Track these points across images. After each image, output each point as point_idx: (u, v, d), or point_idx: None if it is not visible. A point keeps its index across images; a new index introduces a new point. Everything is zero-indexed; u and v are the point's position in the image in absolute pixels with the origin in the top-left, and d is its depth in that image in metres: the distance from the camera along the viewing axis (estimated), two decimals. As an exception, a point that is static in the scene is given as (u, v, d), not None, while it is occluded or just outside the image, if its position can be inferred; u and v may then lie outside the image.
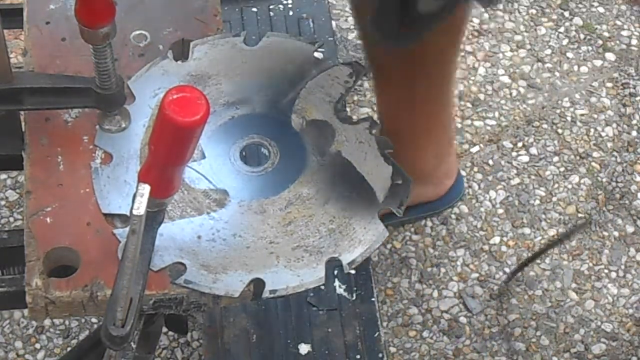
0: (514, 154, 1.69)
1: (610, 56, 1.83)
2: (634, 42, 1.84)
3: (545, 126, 1.71)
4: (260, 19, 1.71)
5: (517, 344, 1.51)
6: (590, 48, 1.84)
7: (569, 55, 1.83)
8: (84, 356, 1.20)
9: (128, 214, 0.94)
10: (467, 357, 1.50)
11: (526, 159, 1.68)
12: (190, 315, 1.41)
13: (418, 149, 1.50)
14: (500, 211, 1.65)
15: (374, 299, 1.47)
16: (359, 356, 1.42)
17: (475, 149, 1.68)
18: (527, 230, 1.64)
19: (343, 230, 1.00)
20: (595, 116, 1.76)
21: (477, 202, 1.66)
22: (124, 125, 1.04)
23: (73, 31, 1.03)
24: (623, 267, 1.62)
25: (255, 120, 1.06)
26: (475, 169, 1.66)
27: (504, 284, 1.56)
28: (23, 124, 1.05)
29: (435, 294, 1.55)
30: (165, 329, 1.38)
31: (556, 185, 1.67)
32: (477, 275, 1.59)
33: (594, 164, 1.71)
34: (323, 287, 1.43)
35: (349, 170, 1.03)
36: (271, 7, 1.73)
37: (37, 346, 1.47)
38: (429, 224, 1.63)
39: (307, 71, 1.09)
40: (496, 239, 1.63)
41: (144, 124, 1.05)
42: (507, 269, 1.60)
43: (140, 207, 0.78)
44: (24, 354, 1.46)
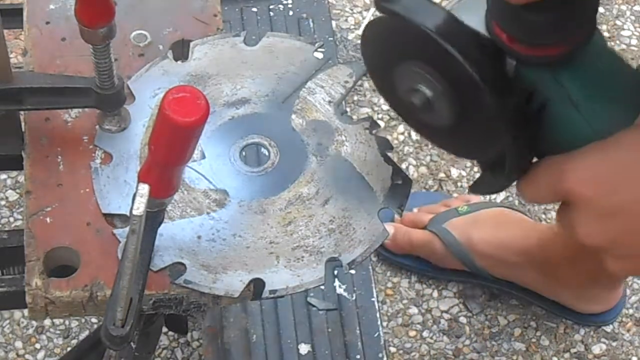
0: (514, 154, 1.68)
1: (610, 56, 1.83)
2: (634, 42, 1.84)
3: (545, 126, 1.71)
4: (260, 19, 1.71)
5: (517, 344, 1.51)
6: (590, 48, 1.83)
7: (569, 55, 1.82)
8: (84, 356, 1.20)
9: (128, 214, 0.94)
10: (467, 357, 1.50)
11: (526, 159, 1.68)
12: (190, 315, 1.41)
13: (572, 259, 1.40)
14: (500, 211, 1.65)
15: (374, 299, 1.47)
16: (359, 356, 1.42)
17: (475, 149, 1.68)
18: (527, 230, 1.64)
19: (343, 230, 1.00)
20: (595, 116, 1.76)
21: (477, 202, 1.65)
22: (124, 125, 1.04)
23: (73, 31, 1.03)
24: (623, 267, 1.61)
25: (255, 120, 1.06)
26: (475, 169, 1.66)
27: None
28: (23, 124, 1.05)
29: (435, 294, 1.54)
30: (165, 329, 1.38)
31: (556, 185, 1.66)
32: (477, 275, 1.59)
33: (594, 164, 1.71)
34: (323, 287, 1.43)
35: (349, 170, 1.03)
36: (271, 7, 1.73)
37: (37, 346, 1.47)
38: (429, 224, 1.62)
39: (307, 71, 1.09)
40: (496, 239, 1.63)
41: (144, 124, 1.05)
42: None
43: (140, 207, 0.78)
44: (24, 354, 1.46)
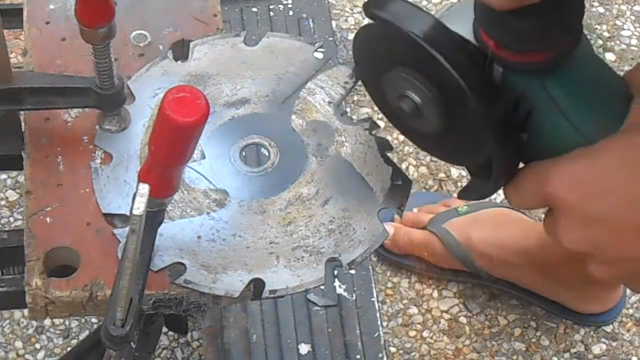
0: (514, 154, 1.68)
1: (610, 56, 1.83)
2: (634, 42, 1.84)
3: (545, 126, 1.71)
4: (260, 19, 1.71)
5: (517, 344, 1.51)
6: (590, 48, 1.84)
7: (569, 55, 1.82)
8: (84, 356, 1.20)
9: (128, 214, 0.94)
10: (467, 357, 1.50)
11: (526, 159, 1.68)
12: (190, 315, 1.41)
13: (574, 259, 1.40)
14: (500, 211, 1.65)
15: (374, 299, 1.47)
16: (359, 356, 1.42)
17: (475, 149, 1.68)
18: (527, 230, 1.64)
19: (343, 231, 1.00)
20: (595, 116, 1.76)
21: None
22: (124, 125, 1.04)
23: (73, 31, 1.03)
24: (623, 267, 1.62)
25: (255, 120, 1.06)
26: (475, 169, 1.66)
27: None
28: (23, 124, 1.05)
29: (435, 294, 1.54)
30: (165, 329, 1.38)
31: (556, 185, 1.66)
32: (477, 275, 1.59)
33: (594, 164, 1.71)
34: (323, 287, 1.43)
35: (349, 171, 1.03)
36: (271, 7, 1.73)
37: (37, 346, 1.47)
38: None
39: (307, 71, 1.09)
40: (496, 239, 1.63)
41: (144, 124, 1.05)
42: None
43: (140, 207, 0.78)
44: (24, 354, 1.46)
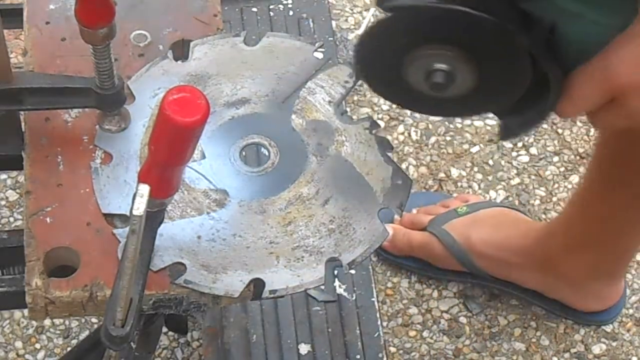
0: (514, 153, 1.68)
1: (610, 56, 1.83)
2: (634, 42, 1.84)
3: (545, 126, 1.71)
4: (260, 19, 1.71)
5: (517, 344, 1.51)
6: (590, 48, 1.84)
7: (569, 55, 1.82)
8: (84, 356, 1.20)
9: (128, 214, 0.94)
10: (467, 357, 1.50)
11: (526, 159, 1.68)
12: (190, 315, 1.41)
13: (576, 252, 1.41)
14: (500, 211, 1.65)
15: (374, 299, 1.47)
16: (359, 356, 1.41)
17: (475, 149, 1.68)
18: (527, 230, 1.64)
19: (343, 230, 1.00)
20: (595, 116, 1.76)
21: (477, 202, 1.65)
22: (124, 125, 1.04)
23: (73, 31, 1.03)
24: (623, 267, 1.62)
25: (255, 120, 1.06)
26: (476, 169, 1.66)
27: None
28: (23, 124, 1.05)
29: (435, 294, 1.54)
30: (165, 329, 1.38)
31: (556, 185, 1.66)
32: (477, 275, 1.58)
33: (594, 164, 1.71)
34: (323, 287, 1.43)
35: (349, 170, 1.03)
36: (271, 7, 1.72)
37: (37, 346, 1.47)
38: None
39: (307, 71, 1.09)
40: (496, 239, 1.63)
41: (144, 124, 1.05)
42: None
43: (140, 208, 0.78)
44: (24, 354, 1.46)
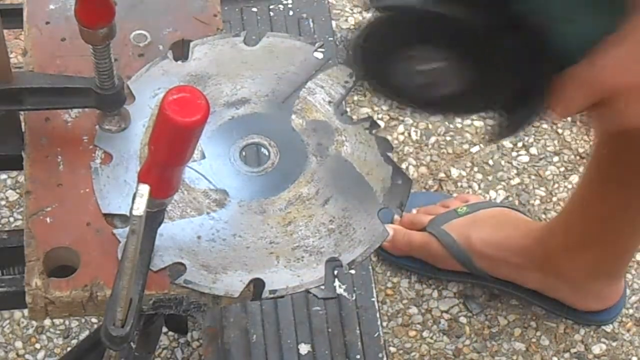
0: (514, 153, 1.68)
1: (610, 56, 1.83)
2: (634, 42, 1.84)
3: (545, 126, 1.71)
4: (260, 19, 1.71)
5: (517, 344, 1.51)
6: (590, 48, 1.83)
7: (569, 55, 1.82)
8: (84, 356, 1.20)
9: (128, 214, 0.94)
10: (467, 357, 1.50)
11: (526, 159, 1.68)
12: (190, 315, 1.41)
13: (577, 252, 1.41)
14: (500, 211, 1.65)
15: (374, 299, 1.47)
16: (359, 356, 1.41)
17: (475, 149, 1.68)
18: (527, 230, 1.64)
19: (343, 230, 1.00)
20: (595, 116, 1.76)
21: (477, 202, 1.65)
22: (124, 125, 1.04)
23: (73, 31, 1.03)
24: (623, 267, 1.62)
25: (255, 120, 1.06)
26: (476, 169, 1.66)
27: None
28: (23, 124, 1.05)
29: (435, 294, 1.54)
30: (165, 329, 1.38)
31: (556, 185, 1.67)
32: (477, 275, 1.59)
33: (594, 164, 1.71)
34: (323, 287, 1.43)
35: (349, 170, 1.03)
36: (271, 7, 1.72)
37: (37, 346, 1.47)
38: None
39: (307, 71, 1.09)
40: (496, 239, 1.63)
41: (144, 124, 1.05)
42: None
43: (140, 208, 0.78)
44: (24, 354, 1.46)
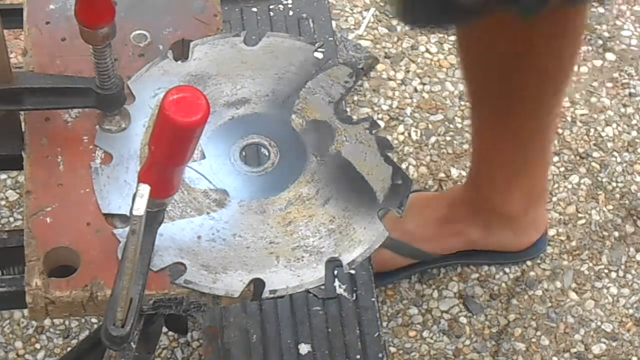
0: (514, 154, 1.68)
1: (610, 56, 1.83)
2: (634, 42, 1.84)
3: (545, 126, 1.71)
4: (260, 19, 1.71)
5: (517, 344, 1.51)
6: (590, 48, 1.84)
7: (569, 55, 1.82)
8: (84, 356, 1.20)
9: (128, 214, 0.94)
10: (467, 357, 1.50)
11: (526, 159, 1.68)
12: (190, 315, 1.41)
13: (507, 188, 1.45)
14: (500, 211, 1.65)
15: (374, 299, 1.47)
16: (359, 356, 1.41)
17: (475, 149, 1.68)
18: (527, 230, 1.64)
19: (343, 230, 0.99)
20: (595, 116, 1.76)
21: (477, 202, 1.65)
22: (124, 125, 1.04)
23: (73, 31, 1.03)
24: (623, 267, 1.62)
25: (255, 120, 1.06)
26: (475, 169, 1.66)
27: None
28: (23, 124, 1.05)
29: (435, 294, 1.54)
30: (165, 329, 1.38)
31: (556, 185, 1.67)
32: (477, 275, 1.59)
33: (594, 164, 1.71)
34: (323, 287, 1.43)
35: (349, 170, 1.03)
36: (271, 7, 1.72)
37: (37, 346, 1.47)
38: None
39: (307, 71, 1.09)
40: (496, 239, 1.63)
41: (144, 124, 1.05)
42: (507, 269, 1.60)
43: (140, 208, 0.78)
44: (24, 354, 1.46)
